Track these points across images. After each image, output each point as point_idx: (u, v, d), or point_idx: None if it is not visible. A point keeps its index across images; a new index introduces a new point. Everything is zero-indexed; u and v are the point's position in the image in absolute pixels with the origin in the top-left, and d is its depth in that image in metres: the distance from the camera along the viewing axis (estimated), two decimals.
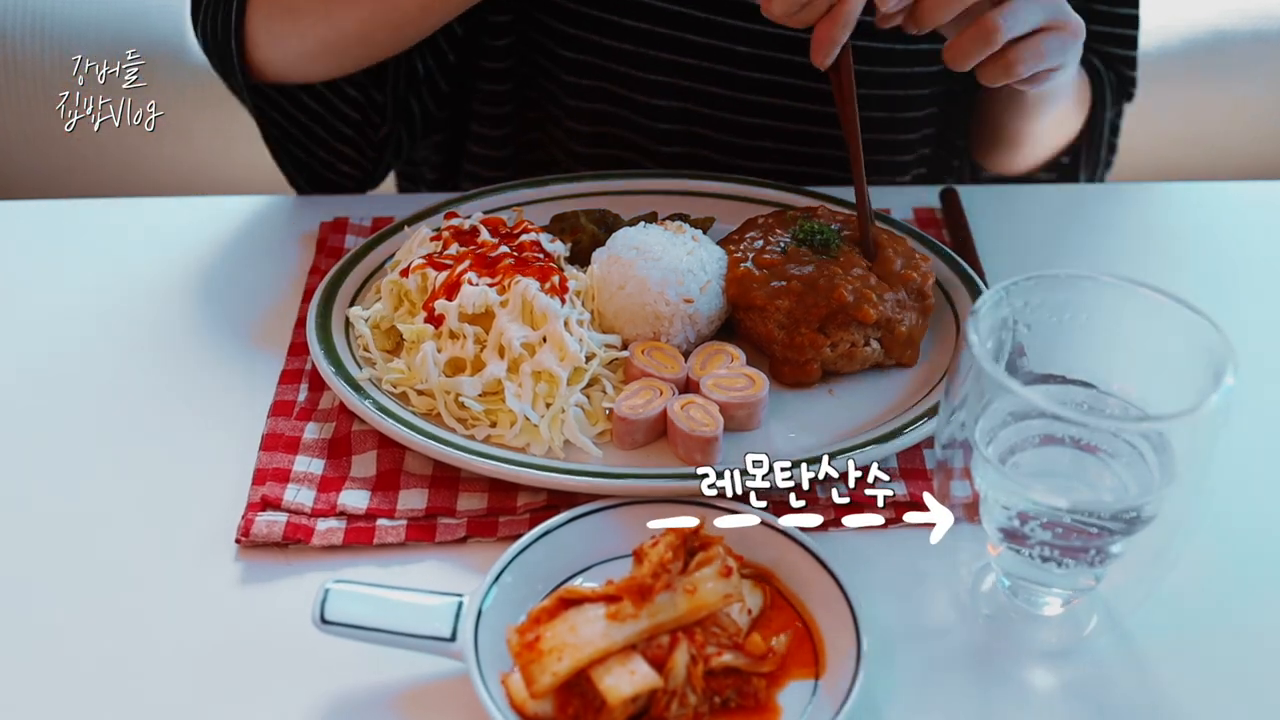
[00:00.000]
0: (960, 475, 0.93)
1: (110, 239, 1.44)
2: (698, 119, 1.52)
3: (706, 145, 1.54)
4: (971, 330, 0.88)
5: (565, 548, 0.99)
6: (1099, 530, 0.87)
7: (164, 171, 1.92)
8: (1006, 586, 0.97)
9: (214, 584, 1.01)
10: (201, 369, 1.23)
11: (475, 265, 1.18)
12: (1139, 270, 1.26)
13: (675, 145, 1.54)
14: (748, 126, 1.52)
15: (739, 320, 1.22)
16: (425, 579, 1.01)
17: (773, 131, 1.52)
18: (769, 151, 1.53)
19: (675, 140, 1.53)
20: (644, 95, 1.51)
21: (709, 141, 1.53)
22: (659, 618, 0.88)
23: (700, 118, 1.52)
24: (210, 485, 1.09)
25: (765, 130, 1.52)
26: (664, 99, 1.51)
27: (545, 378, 1.12)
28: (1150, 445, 0.88)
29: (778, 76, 1.48)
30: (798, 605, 0.96)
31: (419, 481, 1.09)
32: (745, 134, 1.52)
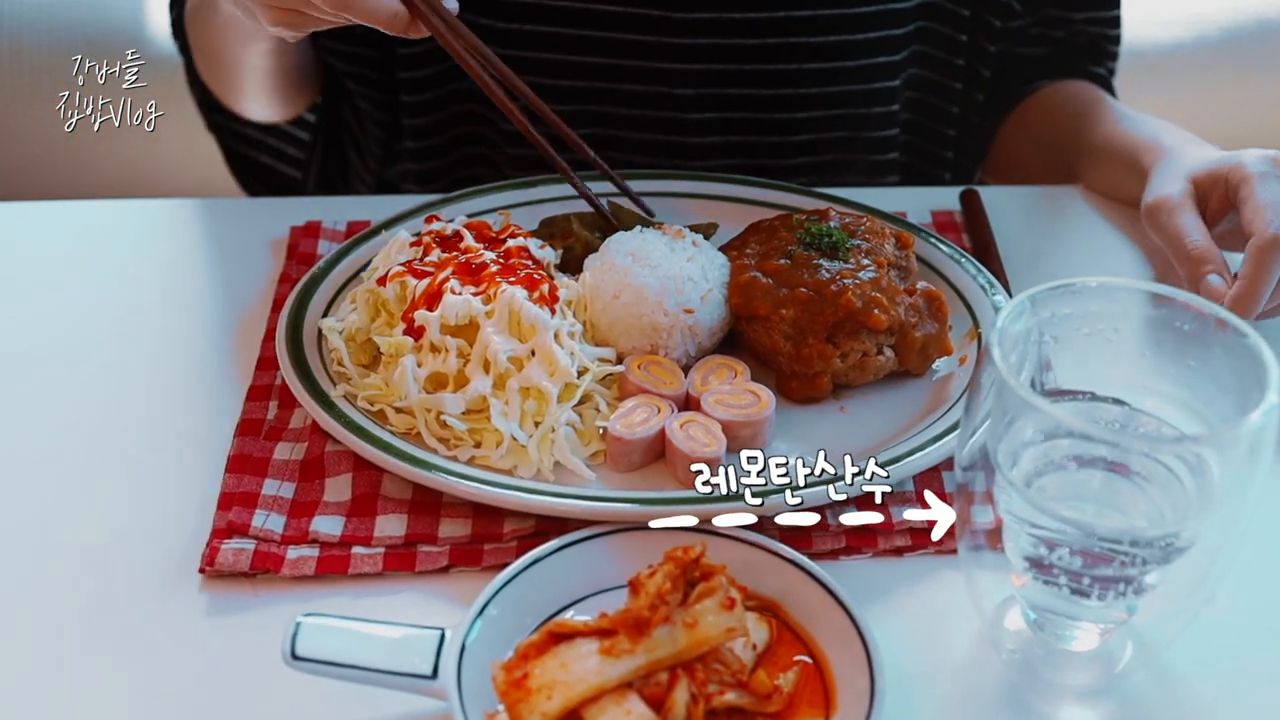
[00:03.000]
0: (982, 499, 0.93)
1: (58, 245, 1.44)
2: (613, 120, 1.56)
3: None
4: (994, 343, 0.88)
5: (555, 578, 0.99)
6: (1132, 559, 0.87)
7: (164, 172, 1.96)
8: (1032, 620, 0.97)
9: (175, 617, 1.01)
10: (162, 385, 1.23)
11: (458, 273, 1.19)
12: (1175, 277, 1.27)
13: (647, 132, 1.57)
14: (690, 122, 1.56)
15: (743, 331, 1.22)
16: (404, 612, 1.01)
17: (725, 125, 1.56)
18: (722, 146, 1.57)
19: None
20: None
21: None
22: (657, 653, 0.87)
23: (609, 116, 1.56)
24: (172, 511, 1.09)
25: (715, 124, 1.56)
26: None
27: (534, 394, 1.12)
28: (1187, 467, 0.88)
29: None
30: (806, 640, 0.96)
31: (397, 506, 1.09)
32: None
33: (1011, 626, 0.99)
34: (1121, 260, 1.41)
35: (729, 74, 1.52)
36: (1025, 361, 0.93)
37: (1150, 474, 0.90)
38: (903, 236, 1.28)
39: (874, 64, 1.54)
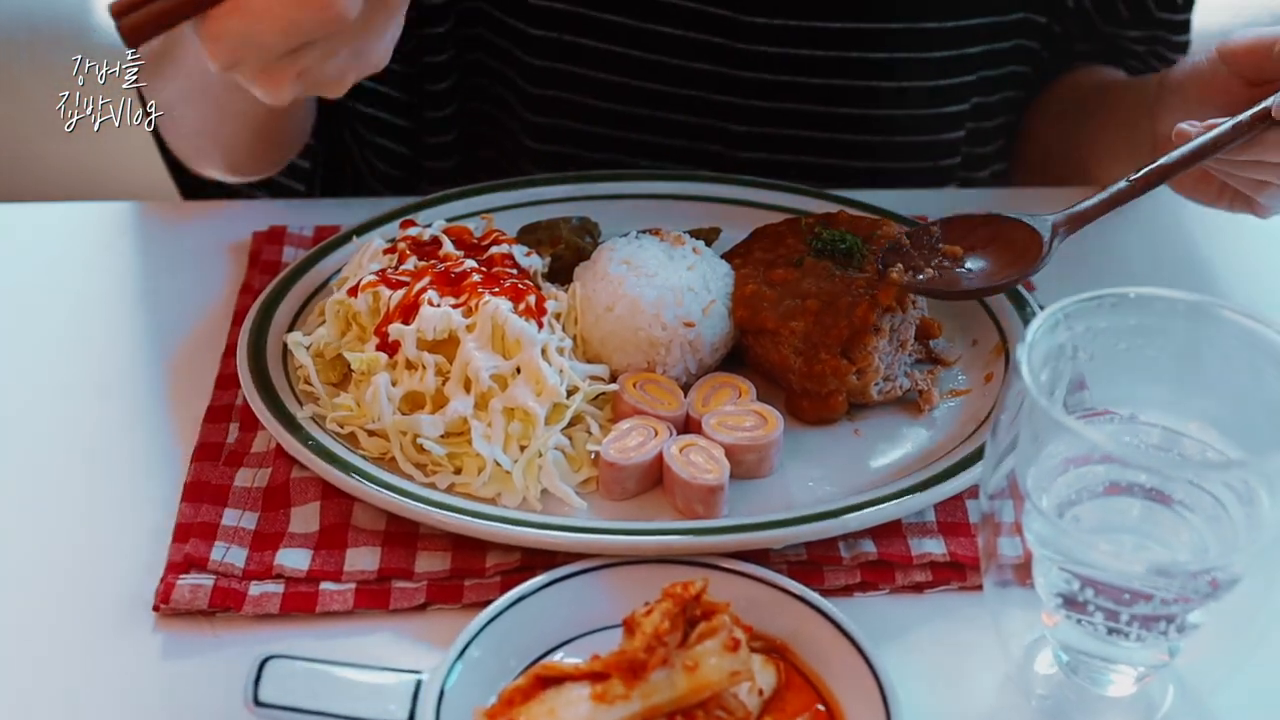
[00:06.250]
0: (1010, 530, 0.93)
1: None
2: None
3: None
4: (1023, 360, 0.88)
5: (543, 617, 0.99)
6: (1174, 596, 0.88)
7: (107, 173, 1.98)
8: (1065, 663, 0.98)
9: (127, 660, 1.01)
10: (111, 405, 1.23)
11: (436, 283, 1.19)
12: (1219, 287, 1.28)
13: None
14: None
15: (748, 347, 1.23)
16: (378, 653, 1.01)
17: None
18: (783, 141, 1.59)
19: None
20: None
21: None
22: (654, 699, 0.88)
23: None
24: (122, 543, 1.09)
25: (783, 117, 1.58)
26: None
27: (519, 416, 1.12)
28: (1234, 495, 0.88)
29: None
30: (817, 684, 0.96)
31: (370, 538, 1.09)
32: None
33: (1042, 670, 1.00)
34: (1161, 269, 1.42)
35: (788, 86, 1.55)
36: (1057, 380, 0.93)
37: (1194, 503, 0.90)
38: None
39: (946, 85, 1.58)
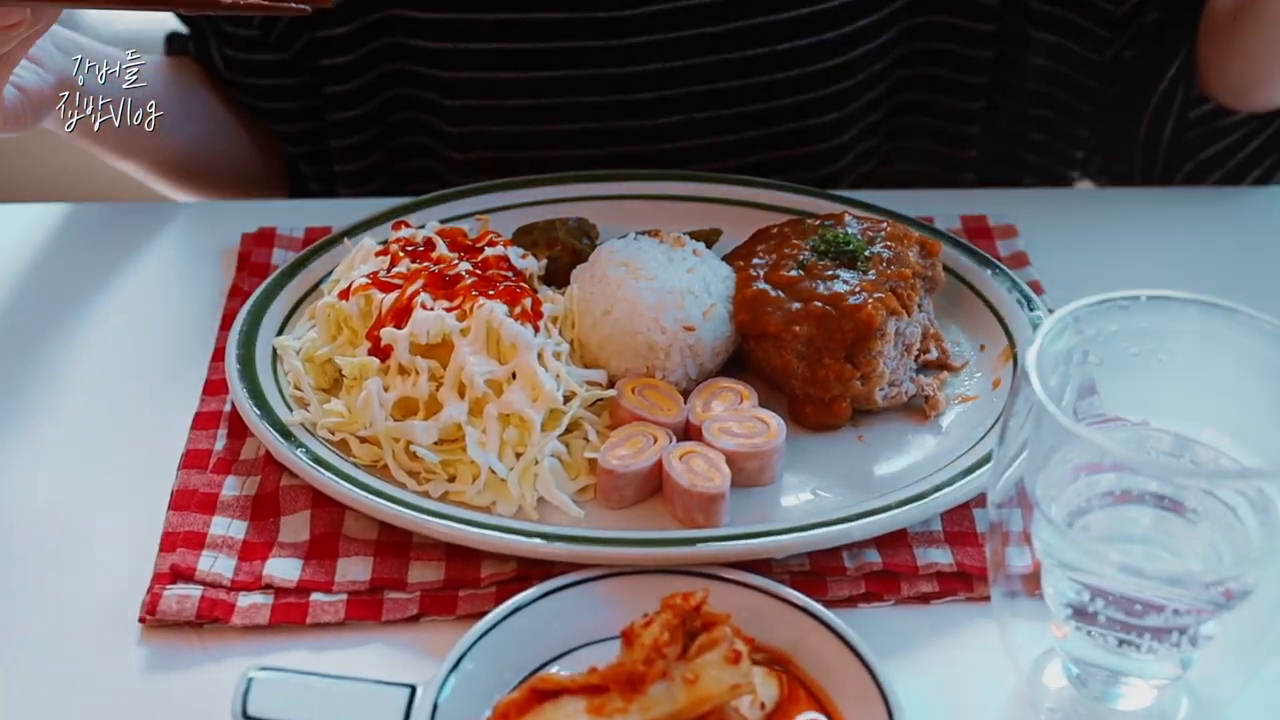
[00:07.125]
0: (1018, 540, 0.93)
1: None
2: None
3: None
4: (1031, 365, 0.88)
5: (539, 628, 0.98)
6: (1187, 607, 0.87)
7: (96, 172, 1.98)
8: (1075, 675, 0.97)
9: (112, 673, 1.01)
10: (97, 412, 1.23)
11: (430, 285, 1.19)
12: (1233, 290, 1.27)
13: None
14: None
15: (750, 351, 1.23)
16: (370, 665, 1.01)
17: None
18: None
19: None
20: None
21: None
22: (653, 713, 0.87)
23: None
24: (108, 552, 1.09)
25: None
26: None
27: (514, 422, 1.12)
28: (1249, 504, 0.88)
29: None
30: (820, 697, 0.96)
31: (362, 548, 1.08)
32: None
33: (1051, 683, 0.99)
34: (1174, 271, 1.42)
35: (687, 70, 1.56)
36: (1066, 385, 0.93)
37: (1207, 511, 0.90)
38: (928, 243, 1.27)
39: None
